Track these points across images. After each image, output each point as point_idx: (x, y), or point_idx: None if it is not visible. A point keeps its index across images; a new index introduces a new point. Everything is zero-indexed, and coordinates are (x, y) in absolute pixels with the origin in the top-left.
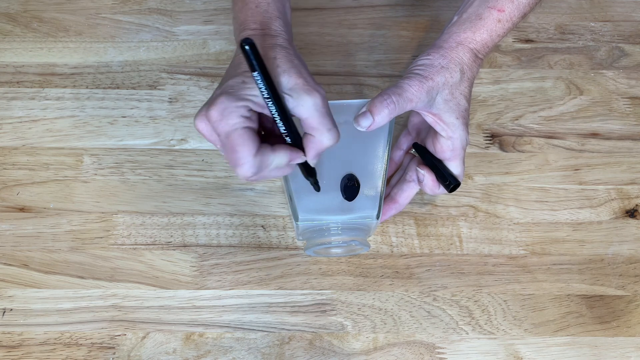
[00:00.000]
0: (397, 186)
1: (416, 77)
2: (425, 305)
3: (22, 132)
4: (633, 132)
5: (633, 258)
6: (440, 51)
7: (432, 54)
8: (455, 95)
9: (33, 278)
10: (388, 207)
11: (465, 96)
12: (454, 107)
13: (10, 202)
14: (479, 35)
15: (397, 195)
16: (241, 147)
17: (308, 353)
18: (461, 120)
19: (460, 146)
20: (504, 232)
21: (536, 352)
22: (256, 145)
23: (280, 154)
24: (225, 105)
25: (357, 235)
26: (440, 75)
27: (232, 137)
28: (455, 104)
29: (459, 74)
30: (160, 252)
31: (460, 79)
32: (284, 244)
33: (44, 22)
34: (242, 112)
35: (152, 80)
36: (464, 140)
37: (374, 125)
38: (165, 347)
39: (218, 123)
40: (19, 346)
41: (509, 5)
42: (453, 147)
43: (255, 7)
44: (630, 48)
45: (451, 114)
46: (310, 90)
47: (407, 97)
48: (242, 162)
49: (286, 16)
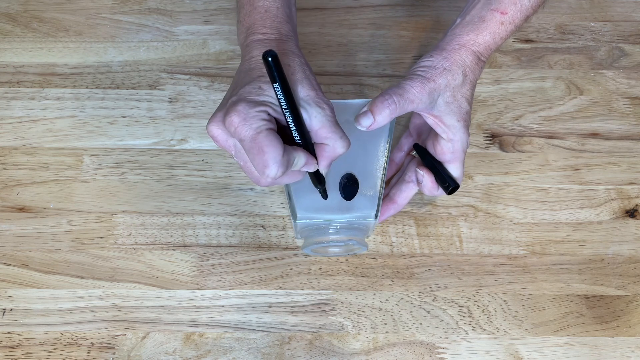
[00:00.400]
0: (396, 186)
1: (418, 79)
2: (425, 305)
3: (22, 132)
4: (633, 132)
5: (633, 258)
6: (443, 53)
7: (435, 55)
8: (457, 98)
9: (33, 278)
10: (387, 207)
11: (467, 99)
12: (455, 110)
13: (10, 202)
14: (481, 37)
15: (395, 196)
16: (269, 148)
17: (308, 353)
18: (462, 122)
19: (461, 149)
20: (504, 232)
21: (536, 352)
22: (282, 145)
23: (300, 154)
24: (247, 111)
25: (355, 234)
26: (442, 77)
27: (259, 139)
28: (457, 106)
29: (461, 77)
30: (160, 252)
31: (463, 81)
32: (284, 244)
33: (44, 22)
34: (264, 116)
35: (152, 80)
36: (465, 143)
37: (375, 125)
38: (165, 347)
39: (240, 128)
40: (19, 346)
41: (512, 8)
42: (453, 150)
43: (264, 11)
44: (630, 48)
45: (452, 117)
46: (321, 103)
47: (408, 98)
48: (271, 162)
49: (293, 21)
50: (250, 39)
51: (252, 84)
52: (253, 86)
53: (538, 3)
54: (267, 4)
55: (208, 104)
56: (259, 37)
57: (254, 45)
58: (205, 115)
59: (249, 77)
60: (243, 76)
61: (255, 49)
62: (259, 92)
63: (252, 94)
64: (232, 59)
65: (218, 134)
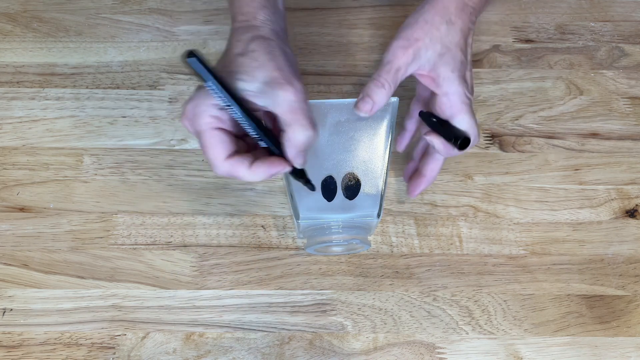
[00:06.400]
0: (423, 160)
1: (397, 44)
2: (425, 305)
3: (22, 132)
4: (633, 132)
5: (633, 258)
6: (424, 6)
7: (416, 12)
8: (450, 48)
9: (33, 278)
10: (418, 182)
11: (460, 48)
12: (449, 60)
13: (10, 202)
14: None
15: (423, 169)
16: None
17: (308, 353)
18: (457, 73)
19: (459, 100)
20: (504, 232)
21: (536, 352)
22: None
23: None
24: (197, 102)
25: (357, 233)
26: (423, 31)
27: (203, 138)
28: (451, 56)
29: (445, 25)
30: (160, 252)
31: (448, 29)
32: (284, 244)
33: (44, 22)
34: (213, 111)
35: (152, 80)
36: (462, 95)
37: (375, 106)
38: (165, 347)
39: (192, 121)
40: (19, 346)
41: None
42: (451, 104)
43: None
44: (630, 48)
45: (446, 67)
46: (283, 85)
47: (395, 68)
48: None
49: (276, 5)
50: (232, 27)
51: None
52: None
53: None
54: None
55: None
56: (236, 24)
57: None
58: None
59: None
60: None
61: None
62: None
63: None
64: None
65: (186, 124)
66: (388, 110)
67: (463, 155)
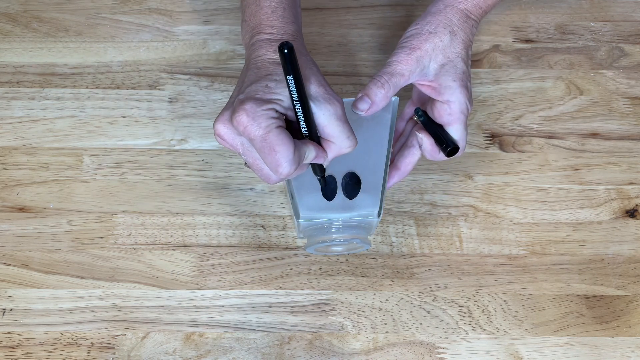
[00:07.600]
0: (399, 152)
1: (403, 51)
2: (425, 305)
3: (22, 132)
4: (633, 132)
5: (633, 258)
6: (427, 17)
7: (420, 22)
8: (452, 58)
9: (33, 278)
10: (391, 174)
11: (462, 58)
12: (450, 70)
13: (10, 202)
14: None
15: (398, 162)
16: (280, 146)
17: (308, 353)
18: (459, 82)
19: (459, 110)
20: (504, 232)
21: (536, 352)
22: (293, 142)
23: (310, 148)
24: (254, 110)
25: (358, 233)
26: (427, 42)
27: (270, 138)
28: (452, 67)
29: (448, 36)
30: (160, 252)
31: (451, 40)
32: (284, 244)
33: (44, 22)
34: (272, 114)
35: (152, 80)
36: (463, 104)
37: (374, 107)
38: (165, 347)
39: (250, 127)
40: (19, 346)
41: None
42: (450, 111)
43: (271, 11)
44: (630, 48)
45: (448, 77)
46: (330, 99)
47: (398, 73)
48: (283, 161)
49: (299, 21)
50: (256, 38)
51: (259, 83)
52: (260, 84)
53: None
54: (274, 4)
55: (208, 104)
56: (265, 36)
57: (259, 44)
58: (205, 115)
59: (256, 75)
60: (249, 75)
61: (261, 48)
62: (266, 91)
63: (259, 92)
64: (232, 59)
65: (225, 133)
66: (388, 109)
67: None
